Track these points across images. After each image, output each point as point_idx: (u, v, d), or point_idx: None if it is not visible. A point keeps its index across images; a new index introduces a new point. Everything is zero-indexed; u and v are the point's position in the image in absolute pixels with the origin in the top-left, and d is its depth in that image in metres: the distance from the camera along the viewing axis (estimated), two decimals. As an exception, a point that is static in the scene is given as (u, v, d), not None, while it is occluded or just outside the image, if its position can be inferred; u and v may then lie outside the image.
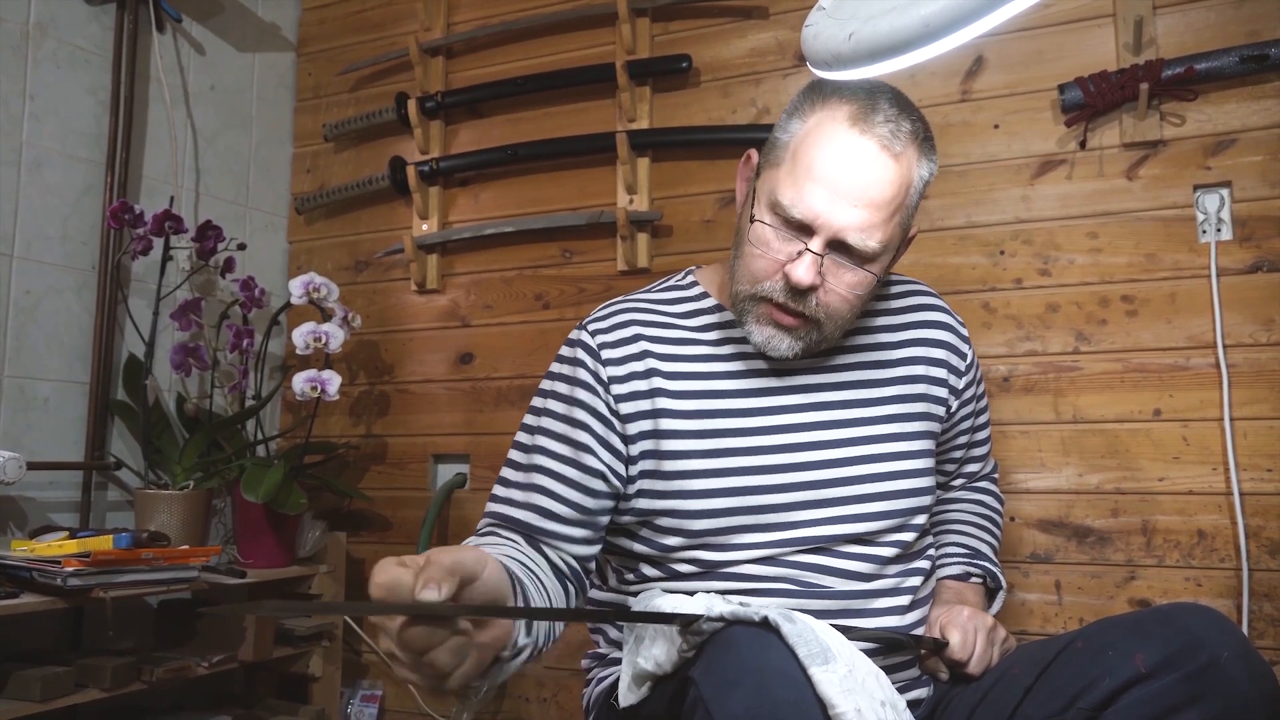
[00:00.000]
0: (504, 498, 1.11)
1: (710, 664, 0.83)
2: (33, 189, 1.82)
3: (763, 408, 1.11)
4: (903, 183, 1.02)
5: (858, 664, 0.85)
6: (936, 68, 1.77)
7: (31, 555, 1.48)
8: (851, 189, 1.00)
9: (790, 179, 1.02)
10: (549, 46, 2.12)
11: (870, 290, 1.07)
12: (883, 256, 1.04)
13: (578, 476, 1.08)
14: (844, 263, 1.03)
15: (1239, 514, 1.52)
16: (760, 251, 1.05)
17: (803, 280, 1.01)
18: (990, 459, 1.37)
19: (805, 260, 1.01)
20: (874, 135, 1.00)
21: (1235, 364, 1.56)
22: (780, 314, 1.05)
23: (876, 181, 1.00)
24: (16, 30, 1.81)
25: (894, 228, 1.03)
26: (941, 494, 1.34)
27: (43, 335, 1.82)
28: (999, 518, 1.35)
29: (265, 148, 2.32)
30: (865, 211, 1.00)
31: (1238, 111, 1.59)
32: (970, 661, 1.07)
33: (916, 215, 1.10)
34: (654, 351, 1.12)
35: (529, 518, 1.08)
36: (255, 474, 1.82)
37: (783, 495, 1.08)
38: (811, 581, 1.07)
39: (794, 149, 1.04)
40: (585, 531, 1.09)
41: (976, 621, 1.09)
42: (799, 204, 1.01)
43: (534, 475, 1.10)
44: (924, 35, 0.80)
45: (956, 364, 1.20)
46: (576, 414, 1.10)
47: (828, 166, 1.00)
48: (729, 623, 0.86)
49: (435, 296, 2.18)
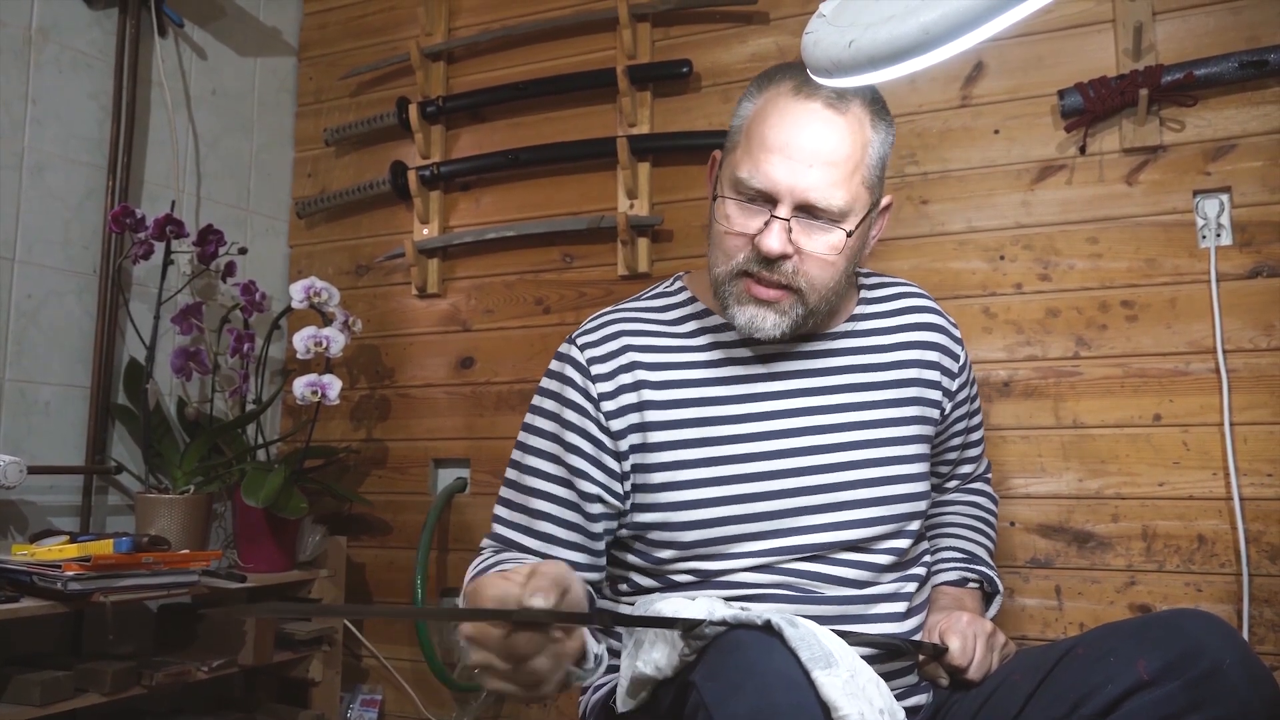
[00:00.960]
0: (506, 520, 1.12)
1: (712, 667, 0.83)
2: (34, 193, 1.82)
3: (753, 413, 1.10)
4: (855, 139, 1.04)
5: (859, 670, 0.85)
6: (936, 73, 1.77)
7: (32, 559, 1.48)
8: (805, 150, 1.02)
9: (747, 155, 1.05)
10: (550, 51, 2.13)
11: (849, 255, 1.07)
12: (851, 216, 1.05)
13: (573, 499, 1.09)
14: (814, 224, 1.04)
15: (1239, 519, 1.52)
16: (727, 228, 1.07)
17: (773, 248, 1.03)
18: (983, 459, 1.37)
19: (773, 227, 1.03)
20: (818, 97, 1.04)
21: (1235, 369, 1.56)
22: (758, 287, 1.06)
23: (827, 138, 1.03)
24: (19, 34, 1.82)
25: (857, 186, 1.05)
26: (936, 496, 1.33)
27: (44, 339, 1.83)
28: (994, 519, 1.34)
29: (266, 152, 2.33)
30: (823, 170, 1.02)
31: (1237, 117, 1.59)
32: (970, 667, 1.06)
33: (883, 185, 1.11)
34: (641, 361, 1.11)
35: (533, 545, 1.09)
36: (256, 478, 1.82)
37: (776, 503, 1.07)
38: (807, 588, 1.06)
39: (747, 129, 1.07)
40: (587, 557, 1.10)
41: (976, 627, 1.09)
42: (756, 175, 1.04)
43: (532, 499, 1.11)
44: (924, 43, 0.80)
45: (949, 365, 1.20)
46: (567, 437, 1.10)
47: (779, 134, 1.03)
48: (731, 626, 0.86)
49: (436, 301, 2.18)
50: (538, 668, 0.75)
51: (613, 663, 1.13)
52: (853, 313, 1.19)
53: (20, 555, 1.50)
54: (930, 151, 1.79)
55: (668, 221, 1.97)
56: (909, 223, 1.78)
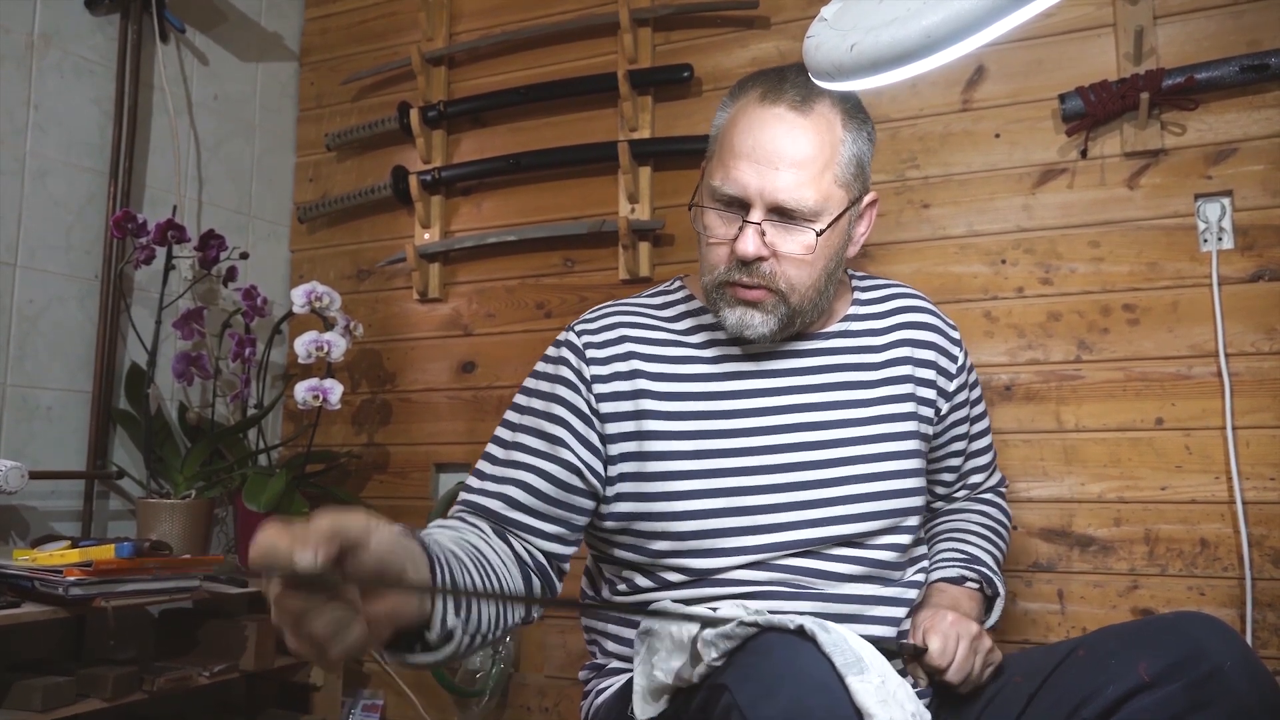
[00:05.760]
0: (476, 488, 1.11)
1: (745, 670, 0.82)
2: (36, 198, 1.82)
3: (748, 409, 1.11)
4: (823, 138, 1.06)
5: (889, 676, 0.85)
6: (937, 77, 1.77)
7: (33, 565, 1.48)
8: (770, 153, 1.05)
9: (720, 163, 1.09)
10: (551, 56, 2.13)
11: (827, 254, 1.08)
12: (824, 214, 1.06)
13: (552, 469, 1.08)
14: (788, 226, 1.06)
15: (1242, 523, 1.52)
16: (709, 237, 1.10)
17: (747, 251, 1.05)
18: (996, 472, 1.36)
19: (747, 232, 1.05)
20: (782, 101, 1.07)
21: (1237, 373, 1.56)
22: (742, 290, 1.08)
23: (792, 140, 1.05)
24: (21, 40, 1.82)
25: (828, 185, 1.06)
26: (944, 505, 1.33)
27: (45, 344, 1.83)
28: (1005, 530, 1.32)
29: (268, 157, 2.33)
30: (789, 172, 1.05)
31: (1238, 121, 1.59)
32: (949, 669, 1.04)
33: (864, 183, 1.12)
34: (640, 353, 1.12)
35: (497, 506, 1.07)
36: (257, 483, 1.82)
37: (770, 496, 1.07)
38: (803, 584, 1.06)
39: (720, 138, 1.11)
40: (556, 527, 1.09)
41: (960, 628, 1.07)
42: (728, 181, 1.07)
43: (508, 469, 1.10)
44: (926, 46, 0.80)
45: (946, 366, 1.21)
46: (555, 410, 1.11)
47: (746, 140, 1.06)
48: (764, 629, 0.86)
49: (437, 305, 2.18)
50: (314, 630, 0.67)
51: (614, 665, 1.13)
52: (846, 313, 1.20)
53: (22, 560, 1.50)
54: (931, 155, 1.79)
55: (669, 226, 1.97)
56: (910, 226, 1.79)
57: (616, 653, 1.13)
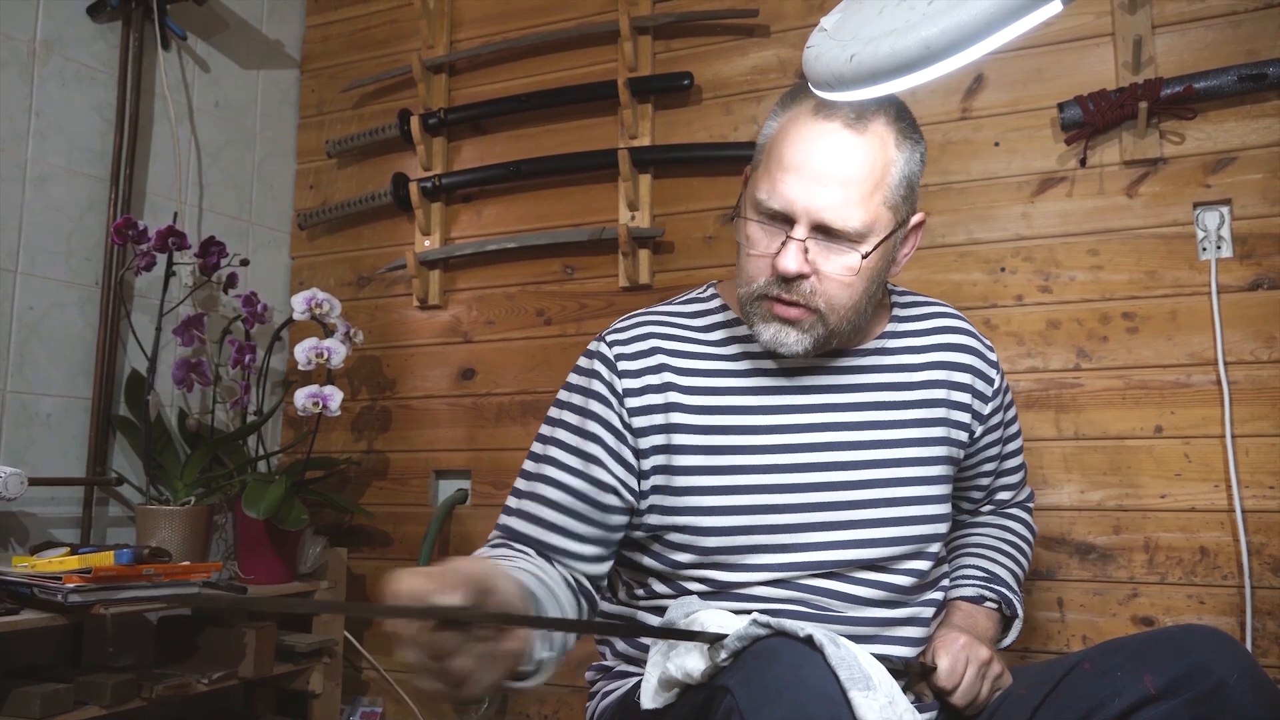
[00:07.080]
0: (515, 509, 1.10)
1: (749, 675, 0.82)
2: (37, 205, 1.83)
3: (779, 425, 1.09)
4: (874, 159, 1.02)
5: (897, 698, 0.84)
6: (936, 86, 1.77)
7: (32, 571, 1.48)
8: (820, 170, 1.01)
9: (766, 175, 1.05)
10: (551, 64, 2.14)
11: (869, 276, 1.05)
12: (870, 236, 1.03)
13: (586, 489, 1.07)
14: (832, 246, 1.03)
15: (1241, 531, 1.52)
16: (750, 249, 1.06)
17: (789, 268, 1.01)
18: (1025, 487, 1.34)
19: (790, 248, 1.02)
20: (837, 117, 1.02)
21: (1236, 381, 1.56)
22: (780, 306, 1.05)
23: (844, 159, 1.01)
24: (23, 47, 1.83)
25: (876, 206, 1.02)
26: (969, 520, 1.31)
27: (46, 351, 1.83)
28: (1027, 547, 1.29)
29: (268, 164, 2.33)
30: (838, 190, 1.01)
31: (1237, 130, 1.60)
32: (955, 692, 1.03)
33: (913, 204, 1.08)
34: (671, 365, 1.10)
35: (538, 534, 1.07)
36: (256, 489, 1.82)
37: (795, 515, 1.06)
38: (824, 606, 1.05)
39: (769, 148, 1.07)
40: (595, 549, 1.08)
41: (970, 651, 1.05)
42: (774, 195, 1.03)
43: (542, 487, 1.09)
44: (925, 57, 0.80)
45: (983, 389, 1.17)
46: (589, 426, 1.09)
47: (797, 154, 1.02)
48: (773, 633, 0.86)
49: (437, 312, 2.18)
50: (458, 668, 0.71)
51: (622, 668, 1.12)
52: (884, 330, 1.17)
53: (21, 567, 1.50)
54: (930, 164, 1.79)
55: (669, 233, 1.98)
56: (910, 234, 1.79)
57: (625, 654, 1.12)
